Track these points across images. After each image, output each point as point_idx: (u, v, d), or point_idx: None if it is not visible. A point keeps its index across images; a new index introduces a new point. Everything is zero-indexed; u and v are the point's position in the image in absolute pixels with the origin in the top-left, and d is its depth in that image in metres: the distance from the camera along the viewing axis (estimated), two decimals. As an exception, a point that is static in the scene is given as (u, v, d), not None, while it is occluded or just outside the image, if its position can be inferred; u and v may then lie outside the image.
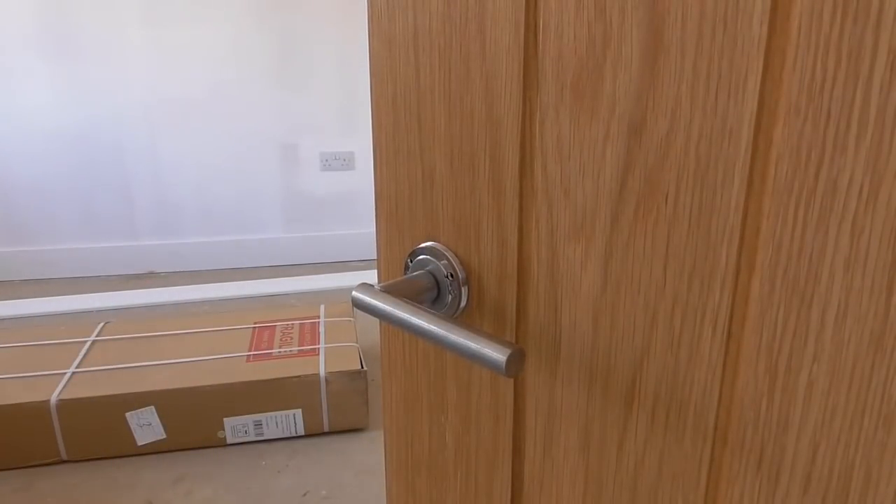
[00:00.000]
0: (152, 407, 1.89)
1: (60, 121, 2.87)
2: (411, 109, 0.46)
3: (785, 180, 0.29)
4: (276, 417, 1.97)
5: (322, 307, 2.38)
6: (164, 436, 1.93)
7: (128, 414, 1.89)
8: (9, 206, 2.95)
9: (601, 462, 0.41)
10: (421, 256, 0.47)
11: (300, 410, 1.97)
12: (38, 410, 1.82)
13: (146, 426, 1.92)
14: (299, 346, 2.11)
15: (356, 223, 3.26)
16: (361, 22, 2.90)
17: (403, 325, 0.41)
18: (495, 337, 0.38)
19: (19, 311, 2.73)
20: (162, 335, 2.18)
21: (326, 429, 2.01)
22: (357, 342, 2.14)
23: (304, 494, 1.82)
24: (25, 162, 2.91)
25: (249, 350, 2.08)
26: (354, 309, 0.45)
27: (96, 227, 3.05)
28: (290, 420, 1.99)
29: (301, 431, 2.00)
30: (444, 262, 0.46)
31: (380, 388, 1.48)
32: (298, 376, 1.95)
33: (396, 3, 0.45)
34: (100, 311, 2.77)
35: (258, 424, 1.97)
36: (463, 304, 0.46)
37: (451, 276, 0.46)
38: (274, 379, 1.94)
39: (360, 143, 3.16)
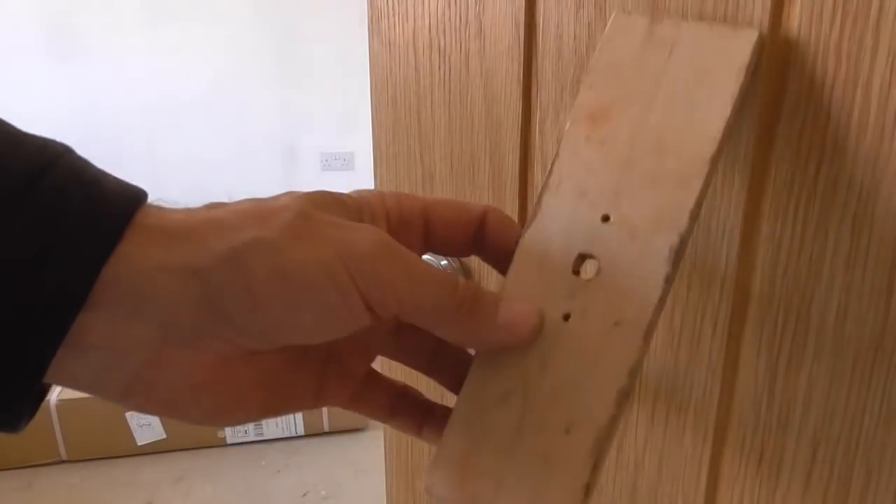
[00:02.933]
0: (152, 407, 1.89)
1: (59, 120, 2.87)
2: (411, 109, 0.46)
3: (785, 180, 0.29)
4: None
5: (322, 307, 2.38)
6: (164, 435, 1.93)
7: (128, 413, 1.89)
8: (9, 205, 2.94)
9: (601, 462, 0.40)
10: (421, 257, 0.47)
11: (300, 410, 1.98)
12: (38, 410, 1.82)
13: (146, 426, 1.92)
14: (299, 345, 2.11)
15: (356, 223, 3.26)
16: (362, 22, 2.89)
17: (403, 325, 0.41)
18: (495, 337, 0.37)
19: (19, 311, 2.73)
20: (162, 335, 2.18)
21: (326, 428, 2.02)
22: (357, 342, 2.14)
23: (304, 494, 1.82)
24: (25, 162, 2.90)
25: (249, 350, 2.08)
26: (354, 309, 0.44)
27: (96, 226, 3.05)
28: (289, 419, 1.99)
29: (301, 431, 2.00)
30: (445, 262, 0.46)
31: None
32: (298, 376, 1.95)
33: (397, 3, 0.45)
34: (100, 311, 2.76)
35: (258, 424, 1.97)
36: (463, 303, 0.46)
37: (451, 275, 0.46)
38: (274, 379, 1.94)
39: (360, 143, 3.16)
